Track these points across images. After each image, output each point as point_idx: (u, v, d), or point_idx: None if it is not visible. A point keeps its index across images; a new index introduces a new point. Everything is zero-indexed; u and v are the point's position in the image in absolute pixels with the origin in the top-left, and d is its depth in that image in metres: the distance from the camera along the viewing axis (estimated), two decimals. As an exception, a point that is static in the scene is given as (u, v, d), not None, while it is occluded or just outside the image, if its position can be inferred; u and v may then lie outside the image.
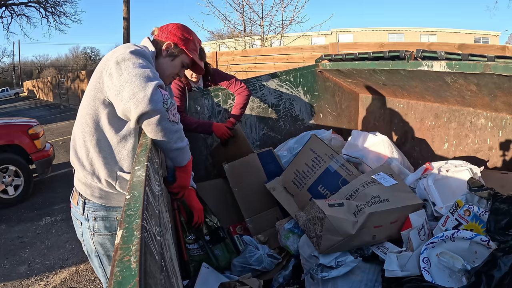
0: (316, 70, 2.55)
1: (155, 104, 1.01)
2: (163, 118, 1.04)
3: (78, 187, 1.27)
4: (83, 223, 1.28)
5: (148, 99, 1.00)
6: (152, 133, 1.07)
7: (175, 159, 1.20)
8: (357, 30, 27.56)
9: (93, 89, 1.17)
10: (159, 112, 1.03)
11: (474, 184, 1.41)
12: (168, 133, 1.08)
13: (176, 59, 1.32)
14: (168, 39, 1.30)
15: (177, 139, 1.13)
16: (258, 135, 2.45)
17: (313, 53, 4.76)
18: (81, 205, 1.26)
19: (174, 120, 1.09)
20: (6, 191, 3.95)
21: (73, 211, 1.32)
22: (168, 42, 1.30)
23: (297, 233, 1.72)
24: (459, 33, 24.58)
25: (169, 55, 1.31)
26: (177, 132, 1.12)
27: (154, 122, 1.04)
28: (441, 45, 3.83)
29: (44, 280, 2.46)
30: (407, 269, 1.28)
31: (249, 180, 2.08)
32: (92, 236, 1.27)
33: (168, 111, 1.05)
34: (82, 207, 1.26)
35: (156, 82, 1.04)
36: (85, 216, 1.26)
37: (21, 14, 20.21)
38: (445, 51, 1.67)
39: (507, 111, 1.69)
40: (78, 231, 1.32)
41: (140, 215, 0.58)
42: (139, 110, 1.01)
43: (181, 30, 1.33)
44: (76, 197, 1.28)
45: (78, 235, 1.34)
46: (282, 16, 8.60)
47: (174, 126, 1.09)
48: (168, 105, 1.05)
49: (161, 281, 0.54)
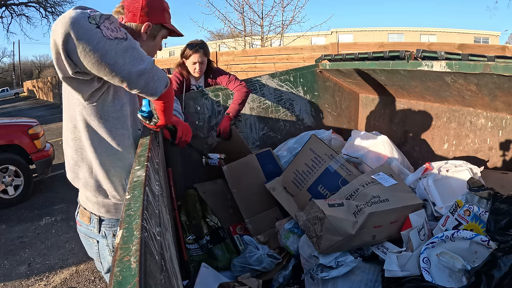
0: (316, 70, 2.55)
1: (76, 19, 0.80)
2: (93, 36, 0.81)
3: (89, 207, 1.16)
4: (100, 241, 1.18)
5: (67, 17, 0.80)
6: (91, 61, 0.83)
7: (142, 89, 0.94)
8: (357, 30, 27.56)
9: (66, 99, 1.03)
10: (83, 27, 0.80)
11: (474, 184, 1.41)
12: (108, 53, 0.83)
13: (157, 37, 1.21)
14: (144, 20, 1.14)
15: (130, 60, 0.87)
16: (258, 135, 2.45)
17: (313, 53, 4.76)
18: (96, 223, 1.15)
19: (115, 36, 0.84)
20: (6, 191, 3.95)
21: (83, 229, 1.20)
22: (146, 24, 1.14)
23: (297, 233, 1.72)
24: (459, 33, 24.58)
25: (149, 36, 1.18)
26: (125, 51, 0.86)
27: (83, 43, 0.80)
28: (441, 45, 3.83)
29: (44, 280, 2.46)
30: (407, 269, 1.28)
31: (248, 181, 2.08)
32: (111, 252, 1.18)
33: (100, 27, 0.82)
34: (97, 225, 1.15)
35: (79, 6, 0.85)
36: (102, 233, 1.16)
37: (21, 14, 20.21)
38: (445, 51, 1.67)
39: (507, 111, 1.69)
40: (93, 249, 1.21)
41: (140, 215, 0.58)
42: (57, 36, 0.80)
43: (153, 5, 1.15)
44: (87, 215, 1.16)
45: (92, 254, 1.24)
46: (282, 16, 8.62)
47: (114, 43, 0.83)
48: (97, 20, 0.82)
49: (161, 281, 0.54)
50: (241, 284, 1.52)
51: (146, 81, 0.92)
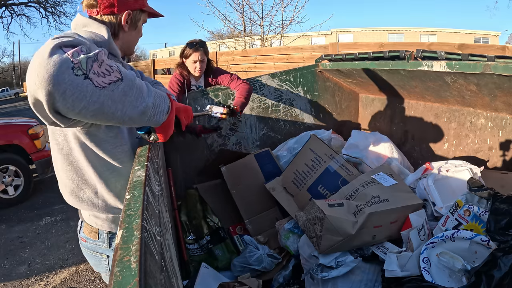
0: (316, 70, 2.55)
1: (58, 77, 0.62)
2: (84, 91, 0.65)
3: (98, 224, 1.11)
4: (110, 255, 1.14)
5: (46, 74, 0.62)
6: (86, 117, 0.70)
7: (144, 124, 0.86)
8: (357, 30, 27.56)
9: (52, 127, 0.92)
10: (68, 83, 0.63)
11: (474, 184, 1.41)
12: (104, 104, 0.70)
13: (139, 24, 1.11)
14: (122, 8, 1.03)
15: (129, 103, 0.75)
16: (258, 135, 2.45)
17: (313, 53, 4.76)
18: (105, 238, 1.11)
19: (109, 82, 0.70)
20: (6, 191, 3.95)
21: (90, 245, 1.15)
22: (126, 12, 1.03)
23: (297, 233, 1.72)
24: (459, 33, 24.59)
25: (131, 25, 1.08)
26: (124, 94, 0.73)
27: (73, 102, 0.65)
28: (441, 45, 3.84)
29: (44, 280, 2.46)
30: (407, 269, 1.28)
31: (247, 181, 2.08)
32: None
33: (90, 76, 0.66)
34: (107, 240, 1.11)
35: (58, 42, 0.67)
36: (112, 248, 1.12)
37: (21, 14, 20.22)
38: (445, 51, 1.67)
39: (507, 111, 1.69)
40: (102, 264, 1.17)
41: (140, 215, 0.58)
42: (37, 93, 0.64)
43: None
44: (94, 231, 1.12)
45: (99, 268, 1.21)
46: (282, 16, 8.63)
47: (109, 90, 0.69)
48: (84, 69, 0.65)
49: (161, 281, 0.54)
50: (241, 284, 1.52)
51: (148, 117, 0.83)
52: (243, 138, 2.39)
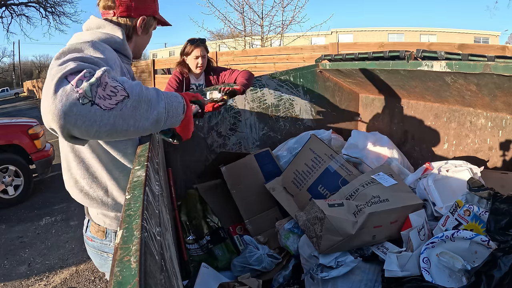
0: (316, 70, 2.55)
1: (67, 111, 0.65)
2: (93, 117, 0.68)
3: (106, 223, 1.12)
4: None
5: (56, 110, 0.65)
6: (101, 137, 0.73)
7: (161, 129, 0.85)
8: (357, 30, 27.57)
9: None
10: (77, 113, 0.66)
11: (474, 184, 1.41)
12: (116, 123, 0.71)
13: (150, 29, 1.18)
14: (138, 14, 1.09)
15: (140, 115, 0.75)
16: (258, 135, 2.45)
17: (313, 53, 4.76)
18: (112, 237, 1.12)
19: (116, 102, 0.70)
20: (6, 191, 3.96)
21: (96, 245, 1.16)
22: (141, 17, 1.10)
23: (297, 233, 1.72)
24: (459, 33, 24.60)
25: (144, 30, 1.14)
26: (134, 109, 0.73)
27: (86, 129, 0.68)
28: (441, 45, 3.84)
29: (44, 280, 2.46)
30: (407, 269, 1.28)
31: (247, 181, 2.08)
32: None
33: (96, 101, 0.67)
34: (113, 239, 1.13)
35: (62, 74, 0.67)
36: None
37: (21, 14, 20.23)
38: (445, 51, 1.67)
39: (507, 111, 1.69)
40: (108, 264, 1.18)
41: (140, 215, 0.58)
42: (52, 125, 0.67)
43: None
44: (102, 230, 1.13)
45: (105, 268, 1.22)
46: (282, 16, 8.63)
47: (118, 110, 0.70)
48: (90, 96, 0.66)
49: (161, 281, 0.54)
50: (241, 284, 1.52)
51: (164, 122, 0.82)
52: (243, 138, 2.40)
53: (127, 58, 1.10)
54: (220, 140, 2.33)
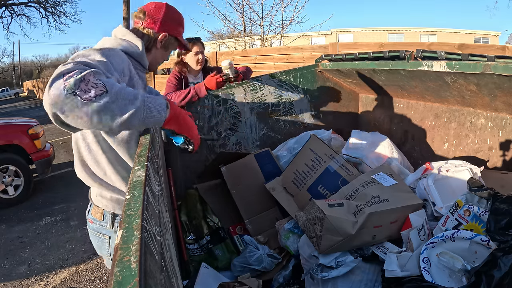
0: (316, 70, 2.55)
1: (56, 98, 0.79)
2: (74, 105, 0.79)
3: (102, 204, 1.21)
4: (112, 236, 1.23)
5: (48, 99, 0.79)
6: (83, 124, 0.85)
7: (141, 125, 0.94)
8: (357, 30, 27.56)
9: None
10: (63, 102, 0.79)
11: (474, 184, 1.41)
12: (93, 114, 0.82)
13: (169, 48, 1.33)
14: (161, 30, 1.24)
15: (117, 109, 0.85)
16: (258, 135, 2.45)
17: (313, 53, 4.76)
18: (109, 219, 1.21)
19: (94, 95, 0.81)
20: (6, 191, 3.96)
21: (95, 226, 1.25)
22: (163, 34, 1.25)
23: (297, 233, 1.72)
24: (459, 33, 24.59)
25: (163, 46, 1.29)
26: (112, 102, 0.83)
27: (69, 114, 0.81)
28: (441, 45, 3.84)
29: (44, 280, 2.46)
30: (407, 269, 1.28)
31: (247, 181, 2.08)
32: None
33: (77, 93, 0.79)
34: (111, 220, 1.21)
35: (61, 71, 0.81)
36: (115, 229, 1.22)
37: (21, 14, 20.23)
38: (445, 51, 1.67)
39: (507, 111, 1.69)
40: (104, 246, 1.26)
41: (140, 215, 0.58)
42: (48, 113, 0.82)
43: (172, 17, 1.26)
44: (100, 212, 1.22)
45: (101, 250, 1.30)
46: (282, 16, 8.63)
47: (95, 102, 0.81)
48: (73, 88, 0.79)
49: (161, 281, 0.54)
50: (241, 284, 1.52)
51: (141, 118, 0.90)
52: (243, 138, 2.40)
53: (142, 66, 1.24)
54: (220, 140, 2.33)
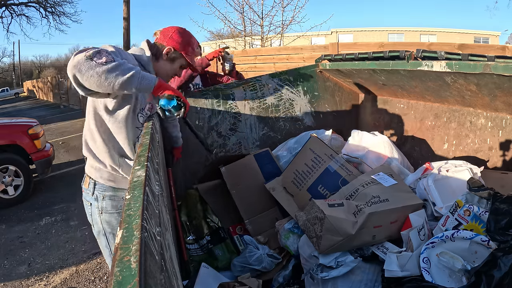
0: (316, 70, 2.55)
1: (77, 62, 1.09)
2: (90, 66, 1.09)
3: (89, 172, 1.41)
4: (92, 203, 1.41)
5: (73, 63, 1.09)
6: (94, 83, 1.11)
7: (138, 86, 1.18)
8: (357, 30, 27.55)
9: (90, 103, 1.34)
10: (82, 64, 1.09)
11: (474, 184, 1.41)
12: (103, 73, 1.10)
13: (176, 62, 1.47)
14: (169, 43, 1.43)
15: (120, 72, 1.13)
16: (258, 135, 2.45)
17: (313, 53, 4.76)
18: (91, 186, 1.40)
19: (105, 61, 1.11)
20: (6, 191, 3.95)
21: (84, 194, 1.45)
22: (169, 47, 1.43)
23: (297, 233, 1.72)
24: (459, 33, 24.57)
25: (169, 58, 1.45)
26: (116, 67, 1.12)
27: (85, 74, 1.09)
28: (441, 45, 3.83)
29: (44, 280, 2.46)
30: (407, 269, 1.28)
31: (247, 181, 2.08)
32: (100, 214, 1.40)
33: (93, 59, 1.09)
34: (92, 188, 1.40)
35: (83, 48, 1.13)
36: (94, 196, 1.40)
37: (21, 14, 20.21)
38: (445, 51, 1.67)
39: (507, 111, 1.69)
40: (88, 212, 1.45)
41: (140, 215, 0.58)
42: (70, 76, 1.12)
43: (181, 36, 1.46)
44: (87, 181, 1.42)
45: (88, 217, 1.46)
46: (282, 16, 8.61)
47: (105, 65, 1.10)
48: (91, 56, 1.10)
49: (161, 281, 0.54)
50: (241, 284, 1.52)
51: (138, 82, 1.17)
52: (243, 138, 2.39)
53: (148, 72, 1.40)
54: (220, 140, 2.33)
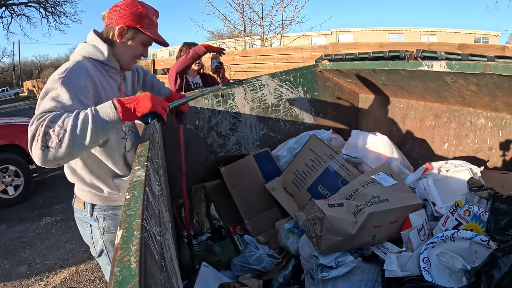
0: (316, 70, 2.55)
1: (39, 158, 0.94)
2: (53, 155, 0.94)
3: (83, 196, 1.31)
4: (92, 224, 1.32)
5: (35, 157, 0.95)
6: (71, 157, 1.01)
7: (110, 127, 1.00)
8: (357, 30, 27.56)
9: None
10: (45, 158, 0.95)
11: (474, 184, 1.41)
12: (69, 149, 0.95)
13: (135, 41, 1.23)
14: (120, 22, 1.19)
15: (78, 137, 0.95)
16: (258, 135, 2.45)
17: (313, 53, 4.76)
18: (89, 208, 1.30)
19: (58, 142, 0.93)
20: (6, 191, 3.95)
21: (79, 215, 1.35)
22: (120, 26, 1.19)
23: (297, 233, 1.72)
24: (459, 33, 24.58)
25: (125, 39, 1.21)
26: (71, 139, 0.94)
27: (57, 161, 0.97)
28: (441, 45, 3.83)
29: (44, 280, 2.46)
30: (407, 269, 1.28)
31: (247, 182, 2.08)
32: (102, 235, 1.32)
33: (48, 146, 0.93)
34: (90, 210, 1.30)
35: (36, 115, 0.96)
36: (94, 217, 1.31)
37: (21, 14, 20.21)
38: (445, 51, 1.67)
39: (507, 111, 1.69)
40: (87, 233, 1.35)
41: (140, 215, 0.58)
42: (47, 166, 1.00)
43: (132, 8, 1.20)
44: (81, 202, 1.32)
45: (85, 238, 1.38)
46: (282, 16, 8.61)
47: (61, 145, 0.93)
48: (41, 144, 0.92)
49: (161, 281, 0.54)
50: (242, 284, 1.52)
51: (100, 128, 0.98)
52: (243, 138, 2.39)
53: (114, 68, 1.25)
54: (220, 140, 2.33)
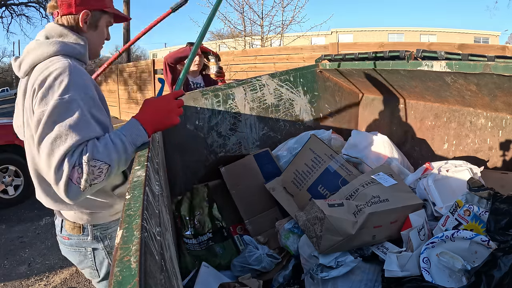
0: (316, 70, 2.55)
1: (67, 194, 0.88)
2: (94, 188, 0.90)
3: (83, 219, 1.16)
4: (95, 247, 1.19)
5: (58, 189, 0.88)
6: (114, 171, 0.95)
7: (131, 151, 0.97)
8: (357, 30, 27.57)
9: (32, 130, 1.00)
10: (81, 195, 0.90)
11: (474, 184, 1.41)
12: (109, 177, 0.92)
13: (100, 24, 1.11)
14: (80, 9, 1.04)
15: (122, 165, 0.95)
16: (258, 135, 2.45)
17: (313, 53, 4.76)
18: (89, 230, 1.16)
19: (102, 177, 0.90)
20: (6, 191, 3.95)
21: (74, 242, 1.19)
22: (84, 12, 1.04)
23: (297, 233, 1.72)
24: (459, 33, 24.59)
25: (90, 25, 1.08)
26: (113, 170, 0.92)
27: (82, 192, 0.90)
28: (441, 45, 3.84)
29: (44, 280, 2.46)
30: (407, 269, 1.28)
31: (247, 182, 2.08)
32: (108, 256, 1.20)
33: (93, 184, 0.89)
34: (91, 232, 1.16)
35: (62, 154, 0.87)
36: (97, 238, 1.17)
37: (21, 14, 20.20)
38: (445, 51, 1.67)
39: (507, 111, 1.69)
40: (87, 259, 1.21)
41: (140, 215, 0.58)
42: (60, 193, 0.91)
43: None
44: (77, 226, 1.16)
45: (84, 265, 1.24)
46: (282, 16, 8.62)
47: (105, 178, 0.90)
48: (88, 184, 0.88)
49: (161, 281, 0.54)
50: (242, 284, 1.52)
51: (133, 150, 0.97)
52: (243, 138, 2.39)
53: (84, 64, 1.10)
54: (220, 140, 2.33)
